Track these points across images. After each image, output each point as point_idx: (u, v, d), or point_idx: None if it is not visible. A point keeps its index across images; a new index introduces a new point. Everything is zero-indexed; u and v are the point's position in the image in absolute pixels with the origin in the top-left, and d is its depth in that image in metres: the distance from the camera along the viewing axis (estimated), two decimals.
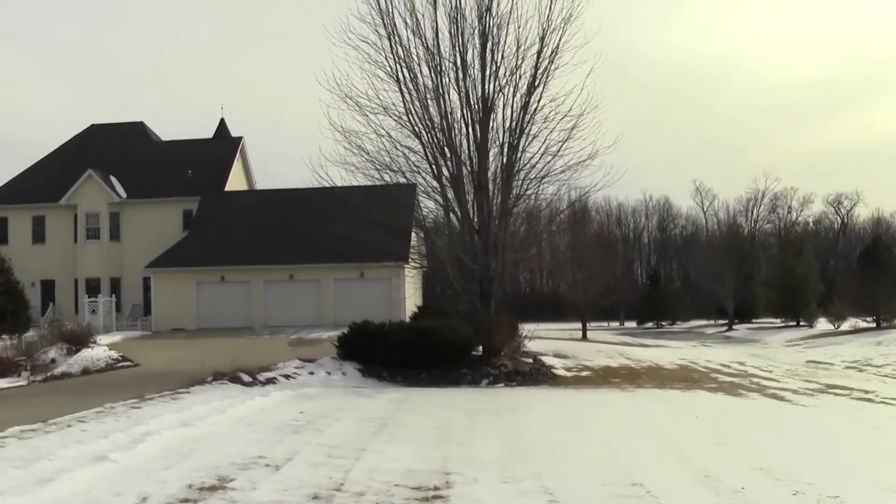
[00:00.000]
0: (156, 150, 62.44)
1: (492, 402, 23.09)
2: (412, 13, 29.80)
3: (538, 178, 30.48)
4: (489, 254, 29.85)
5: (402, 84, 29.94)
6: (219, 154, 60.78)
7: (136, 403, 20.28)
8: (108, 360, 33.31)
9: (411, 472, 12.29)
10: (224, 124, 64.99)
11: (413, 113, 29.99)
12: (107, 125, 64.71)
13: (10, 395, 25.26)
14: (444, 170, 30.28)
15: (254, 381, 25.91)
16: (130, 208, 57.78)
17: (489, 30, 29.46)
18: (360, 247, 36.82)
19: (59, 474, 11.48)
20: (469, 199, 30.45)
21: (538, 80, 29.56)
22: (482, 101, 29.76)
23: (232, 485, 11.31)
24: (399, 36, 29.85)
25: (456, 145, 30.05)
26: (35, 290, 54.45)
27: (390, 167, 30.38)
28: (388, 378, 28.34)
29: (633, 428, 18.15)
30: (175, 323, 48.89)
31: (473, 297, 31.08)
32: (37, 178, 60.24)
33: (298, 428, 16.93)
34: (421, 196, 32.20)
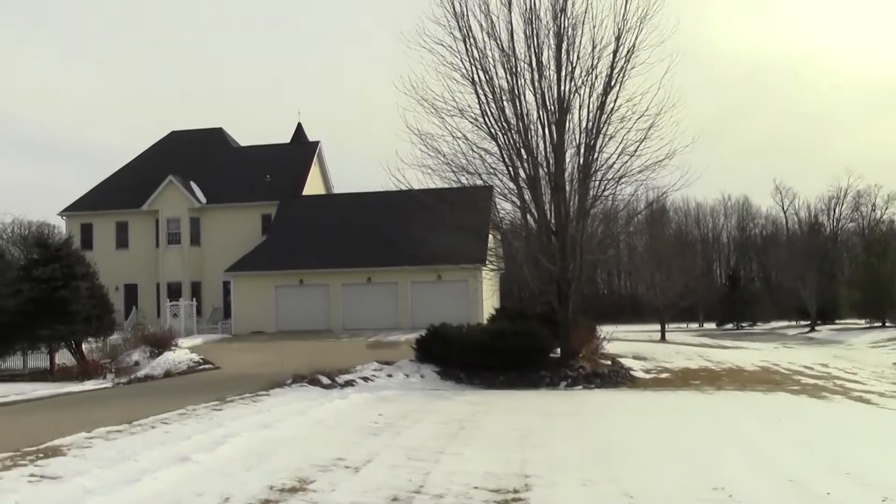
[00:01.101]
0: (234, 155, 63.31)
1: (570, 404, 22.95)
2: (487, 15, 29.83)
3: (615, 179, 30.23)
4: (567, 255, 29.67)
5: (477, 86, 29.96)
6: (296, 159, 61.43)
7: (217, 406, 20.56)
8: (189, 363, 33.83)
9: (490, 475, 12.26)
10: (301, 129, 65.61)
11: (489, 115, 29.98)
12: (187, 132, 65.83)
13: (96, 396, 25.80)
14: (521, 171, 30.18)
15: (332, 384, 26.08)
16: (210, 213, 58.67)
17: (564, 30, 29.33)
18: (437, 249, 36.91)
19: (144, 474, 11.69)
20: (546, 200, 30.31)
21: (614, 80, 29.35)
22: (558, 101, 29.61)
23: (312, 486, 11.39)
24: (474, 38, 29.89)
25: (532, 147, 29.93)
26: (119, 294, 55.54)
27: (467, 169, 30.40)
28: (465, 380, 28.34)
29: (714, 431, 17.90)
30: (254, 326, 49.45)
31: (551, 299, 30.93)
32: (120, 185, 61.52)
33: (377, 430, 17.00)
34: (498, 198, 32.16)
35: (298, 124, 65.85)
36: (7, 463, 12.82)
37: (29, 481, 11.50)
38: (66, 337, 34.99)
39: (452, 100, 29.92)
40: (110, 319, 37.77)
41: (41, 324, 33.70)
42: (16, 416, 21.09)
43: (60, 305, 33.87)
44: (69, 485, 11.16)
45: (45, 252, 36.09)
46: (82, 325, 34.83)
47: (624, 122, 29.40)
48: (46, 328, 33.77)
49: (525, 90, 29.90)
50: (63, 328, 34.10)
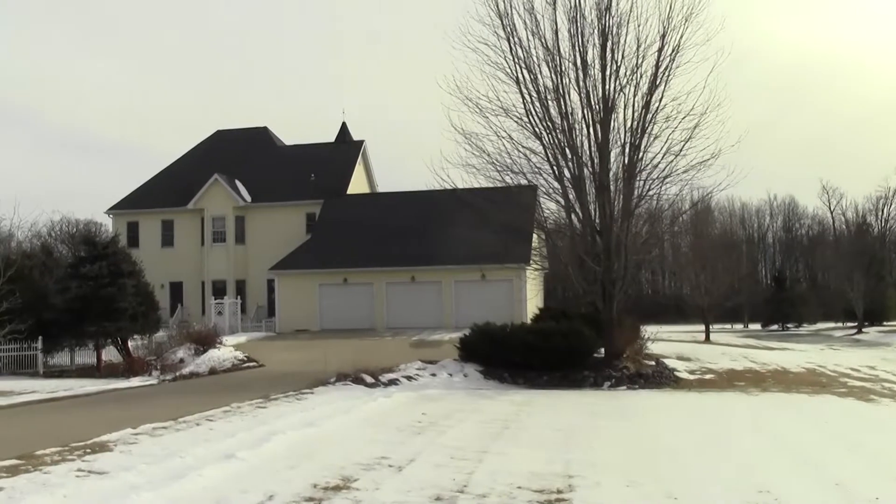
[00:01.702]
0: (279, 154, 63.60)
1: (614, 404, 22.86)
2: (531, 13, 29.76)
3: (660, 179, 30.03)
4: (611, 255, 29.53)
5: (521, 85, 29.89)
6: (341, 158, 61.61)
7: (261, 403, 20.70)
8: (233, 361, 34.07)
9: (534, 475, 12.22)
10: (346, 128, 65.79)
11: (533, 114, 29.91)
12: (232, 131, 66.24)
13: (142, 393, 26.06)
14: (566, 171, 30.07)
15: (376, 382, 26.16)
16: (255, 212, 59.01)
17: (609, 29, 29.19)
18: (481, 248, 36.91)
19: (190, 471, 11.79)
20: (591, 199, 30.19)
21: (659, 79, 29.17)
22: (603, 100, 29.48)
23: (356, 485, 11.41)
24: (518, 37, 29.84)
25: (577, 146, 29.82)
26: (164, 291, 55.99)
27: (511, 168, 30.35)
28: (509, 380, 28.32)
29: (759, 432, 17.71)
30: (298, 324, 49.66)
31: (595, 299, 30.80)
32: (166, 183, 62.05)
33: (421, 429, 17.01)
34: (542, 197, 32.02)
35: (343, 123, 66.05)
36: (55, 458, 12.99)
37: (77, 476, 11.65)
38: (113, 334, 35.39)
39: (497, 99, 29.93)
40: (156, 317, 38.15)
41: (88, 321, 34.11)
42: (64, 411, 21.36)
43: (107, 303, 34.26)
44: (116, 480, 11.28)
45: (93, 250, 36.49)
46: (128, 322, 35.21)
47: (669, 122, 29.25)
48: (93, 325, 34.18)
49: (570, 89, 29.83)
50: (110, 325, 34.49)
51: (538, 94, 29.86)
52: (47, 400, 24.17)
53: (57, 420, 19.54)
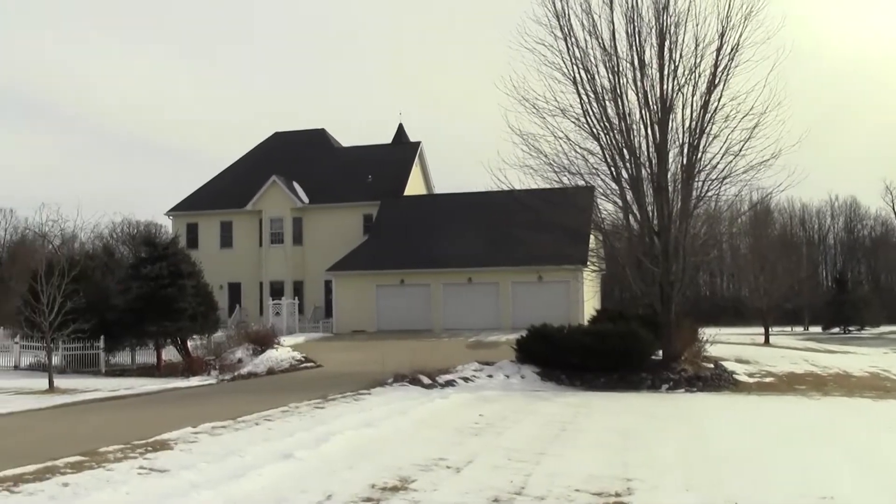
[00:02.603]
0: (337, 156, 63.96)
1: (672, 407, 22.68)
2: (588, 14, 29.64)
3: (719, 179, 29.75)
4: (669, 257, 29.32)
5: (579, 85, 29.78)
6: (398, 159, 61.79)
7: (319, 403, 20.82)
8: (291, 361, 34.30)
9: (592, 477, 12.16)
10: (402, 129, 65.97)
11: (591, 114, 29.78)
12: (290, 133, 66.74)
13: (201, 392, 26.35)
14: (623, 171, 29.90)
15: (433, 384, 26.20)
16: (312, 213, 59.38)
17: (667, 28, 28.98)
18: (538, 250, 36.80)
19: (249, 470, 11.88)
20: (648, 200, 29.98)
21: (718, 78, 28.89)
22: (661, 100, 29.27)
23: (413, 486, 11.43)
24: (575, 37, 29.74)
25: (635, 146, 29.63)
26: (223, 292, 56.55)
27: (568, 169, 30.24)
28: (566, 382, 28.21)
29: (821, 437, 17.48)
30: (355, 325, 49.88)
31: (653, 301, 30.58)
32: (224, 185, 62.69)
33: (478, 430, 17.01)
34: (599, 198, 31.86)
35: (400, 125, 66.26)
36: (118, 455, 13.17)
37: (138, 473, 11.80)
38: (173, 334, 35.81)
39: (554, 99, 29.85)
40: (215, 317, 38.55)
41: (149, 320, 34.56)
42: (125, 409, 21.64)
43: (167, 303, 34.68)
44: (176, 478, 11.40)
45: (153, 251, 36.97)
46: (188, 322, 35.61)
47: (728, 122, 28.95)
48: (154, 325, 34.62)
49: (627, 89, 29.66)
50: (169, 325, 34.91)
51: (595, 94, 29.74)
52: (109, 398, 24.53)
53: (119, 418, 19.81)
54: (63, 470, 11.94)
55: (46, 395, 25.19)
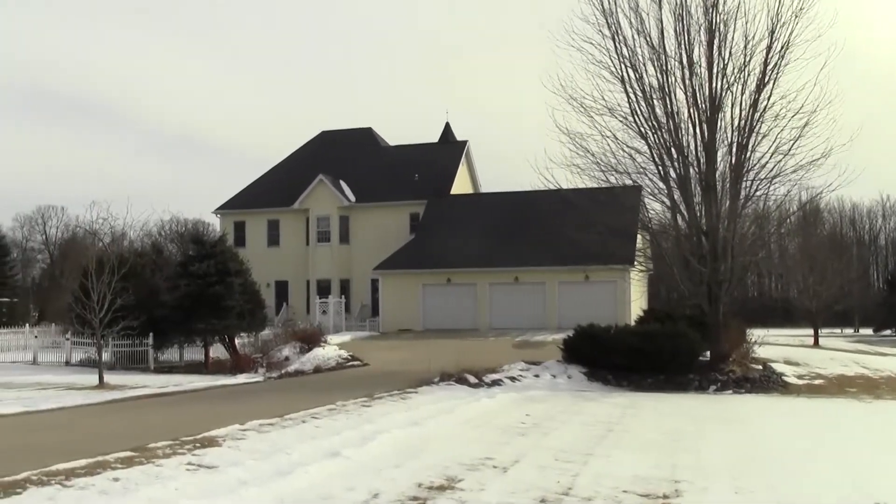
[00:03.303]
0: (383, 154, 64.07)
1: (720, 408, 22.50)
2: (636, 12, 29.48)
3: (768, 179, 29.45)
4: (717, 256, 29.08)
5: (626, 84, 29.63)
6: (444, 158, 61.78)
7: (366, 402, 20.88)
8: (338, 359, 34.42)
9: (639, 479, 12.09)
10: (449, 128, 65.95)
11: (639, 113, 29.62)
12: (337, 132, 66.93)
13: (249, 390, 26.52)
14: (671, 171, 29.72)
15: (480, 383, 26.19)
16: (359, 212, 59.53)
17: (716, 26, 28.74)
18: (584, 249, 36.67)
19: (296, 467, 11.93)
20: (696, 200, 29.77)
21: (768, 77, 28.58)
22: (709, 99, 29.04)
23: (460, 485, 11.42)
24: (623, 35, 29.59)
25: (683, 146, 29.44)
26: (270, 290, 56.83)
27: (616, 168, 30.11)
28: (613, 382, 28.10)
29: (873, 441, 17.27)
30: (402, 324, 49.96)
31: (701, 301, 30.34)
32: (272, 183, 63.02)
33: (525, 430, 16.97)
34: (647, 198, 31.68)
35: (446, 124, 66.25)
36: (167, 451, 13.28)
37: (187, 469, 11.89)
38: (220, 331, 36.04)
39: (601, 98, 29.72)
40: (262, 315, 38.74)
41: (197, 318, 34.81)
42: (174, 406, 21.83)
43: (215, 300, 34.89)
44: (225, 475, 11.48)
45: (201, 249, 37.22)
46: (235, 319, 35.81)
47: (778, 120, 28.65)
48: (202, 322, 34.85)
49: (675, 88, 29.47)
50: (217, 322, 35.13)
51: (643, 93, 29.59)
52: (158, 395, 24.75)
53: (167, 414, 19.99)
54: (113, 465, 12.07)
55: (96, 391, 25.47)
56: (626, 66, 29.57)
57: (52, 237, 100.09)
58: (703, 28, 28.91)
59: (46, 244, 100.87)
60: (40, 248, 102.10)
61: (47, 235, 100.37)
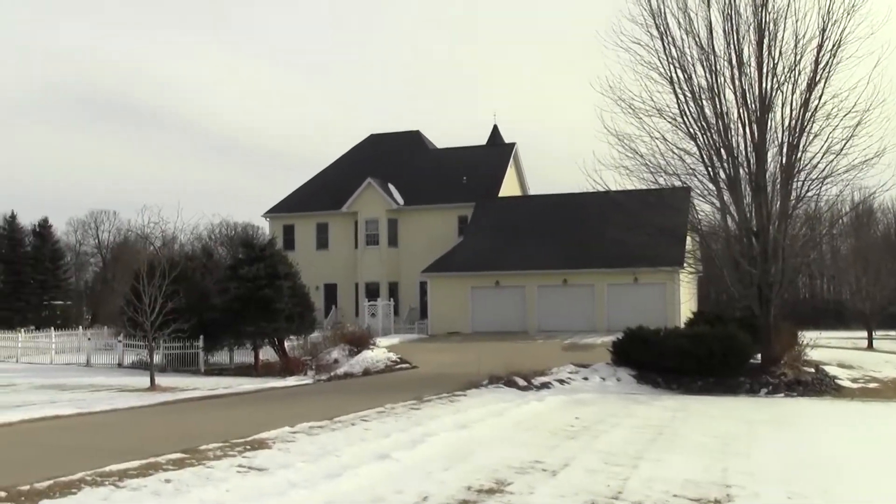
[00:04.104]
0: (431, 157, 64.20)
1: (772, 412, 22.26)
2: (685, 12, 29.26)
3: (820, 179, 29.04)
4: (768, 258, 28.77)
5: (675, 85, 29.43)
6: (492, 160, 61.77)
7: (415, 405, 20.90)
8: (386, 362, 34.48)
9: (690, 483, 11.99)
10: (497, 131, 65.99)
11: (688, 114, 29.41)
12: (385, 135, 67.16)
13: (298, 392, 26.65)
14: (721, 172, 29.47)
15: (528, 386, 26.12)
16: (407, 215, 59.68)
17: (765, 24, 28.43)
18: (633, 251, 36.52)
19: (345, 470, 11.98)
20: (747, 201, 29.49)
21: (819, 76, 28.20)
22: (759, 99, 28.75)
23: (509, 488, 11.40)
24: (672, 36, 29.40)
25: (733, 146, 29.18)
26: (319, 293, 57.10)
27: (665, 170, 29.91)
28: (662, 385, 27.95)
29: None
30: (450, 326, 49.98)
31: (751, 303, 30.05)
32: (321, 187, 63.38)
33: (574, 433, 16.90)
34: (696, 199, 31.45)
35: (494, 126, 66.30)
36: (218, 453, 13.39)
37: (238, 471, 11.98)
38: (270, 334, 36.22)
39: (650, 99, 29.55)
40: (311, 318, 38.89)
41: (246, 321, 35.02)
42: (224, 408, 22.00)
43: (264, 303, 35.08)
44: (275, 477, 11.55)
45: (251, 252, 37.45)
46: (285, 322, 35.98)
47: (829, 120, 28.24)
48: (251, 325, 35.06)
49: (725, 88, 29.21)
50: (267, 325, 35.32)
51: (692, 93, 29.38)
52: (208, 397, 24.96)
53: (218, 416, 20.15)
54: (165, 466, 12.20)
55: (148, 393, 25.72)
56: (675, 66, 29.40)
57: (105, 241, 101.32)
58: (753, 27, 28.64)
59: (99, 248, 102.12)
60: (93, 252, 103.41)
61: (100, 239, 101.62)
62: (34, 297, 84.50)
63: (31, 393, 26.00)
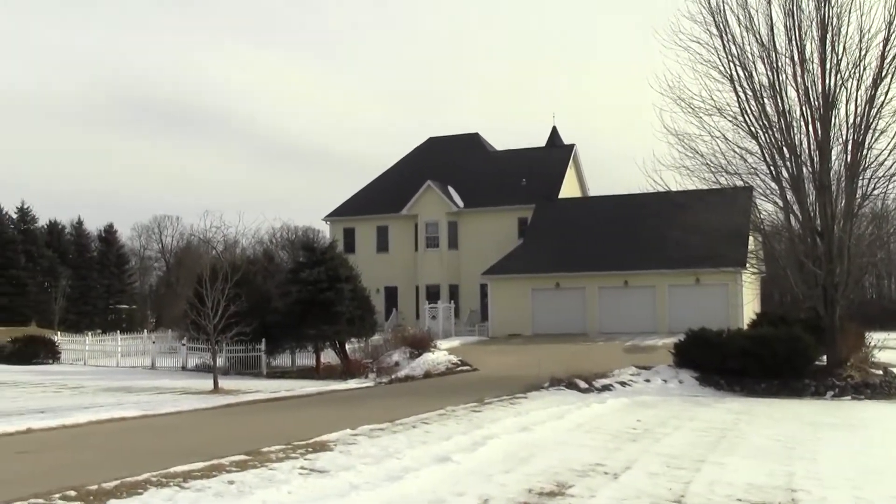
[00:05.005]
0: (490, 159, 64.14)
1: (838, 415, 21.91)
2: (745, 9, 28.92)
3: (887, 177, 28.58)
4: (833, 258, 28.34)
5: (736, 83, 29.12)
6: (552, 162, 61.56)
7: (475, 407, 20.90)
8: (447, 365, 34.53)
9: (754, 487, 11.82)
10: (556, 132, 65.81)
11: (749, 113, 29.08)
12: (444, 137, 67.22)
13: (359, 395, 26.78)
14: (783, 171, 29.10)
15: (589, 388, 26.01)
16: (467, 217, 59.67)
17: (828, 20, 27.97)
18: (694, 252, 36.13)
19: (406, 472, 11.97)
20: (810, 200, 29.08)
21: (885, 71, 27.68)
22: (823, 96, 28.32)
23: (570, 491, 11.32)
24: (732, 33, 29.08)
25: (795, 144, 28.80)
26: (379, 296, 57.26)
27: (726, 169, 29.63)
28: (725, 387, 27.67)
29: None
30: (511, 328, 49.86)
31: (816, 304, 29.61)
32: (380, 190, 63.62)
33: (636, 436, 16.78)
34: (758, 198, 31.10)
35: (553, 128, 66.12)
36: (280, 455, 13.47)
37: (300, 473, 12.03)
38: (331, 337, 36.48)
39: (710, 98, 29.28)
40: (372, 321, 39.10)
41: (307, 324, 35.30)
42: (286, 411, 22.16)
43: (325, 306, 35.34)
44: (336, 479, 11.57)
45: (312, 255, 37.77)
46: (346, 325, 36.22)
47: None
48: (312, 328, 35.34)
49: (787, 85, 28.84)
50: (328, 328, 35.57)
51: (753, 91, 29.04)
52: (271, 399, 25.15)
53: (280, 419, 20.29)
54: (228, 468, 12.30)
55: (211, 396, 25.99)
56: (735, 64, 29.08)
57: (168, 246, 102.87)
58: (816, 23, 28.21)
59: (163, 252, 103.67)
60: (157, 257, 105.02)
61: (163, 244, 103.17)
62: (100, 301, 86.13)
63: (98, 395, 26.45)
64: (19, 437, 16.17)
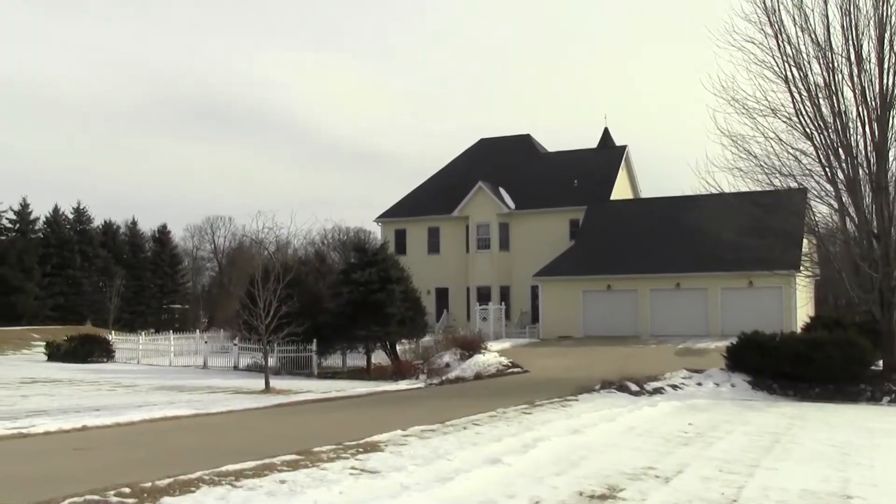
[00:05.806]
0: (542, 161, 64.01)
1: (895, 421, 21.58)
2: (800, 8, 28.60)
3: None
4: (890, 261, 27.95)
5: (790, 84, 28.80)
6: (603, 163, 61.29)
7: (526, 409, 20.86)
8: (498, 366, 34.50)
9: (808, 493, 11.67)
10: (608, 133, 65.50)
11: (804, 113, 28.76)
12: (495, 139, 67.16)
13: (410, 396, 26.83)
14: (839, 172, 28.74)
15: (641, 391, 25.90)
16: (518, 218, 59.60)
17: (887, 18, 27.60)
18: (747, 254, 35.73)
19: (457, 474, 11.95)
20: (867, 202, 28.69)
21: None
22: (880, 96, 27.93)
23: (621, 495, 11.25)
24: (787, 33, 28.78)
25: (851, 146, 28.44)
26: (430, 297, 57.42)
27: (780, 171, 29.35)
28: (778, 391, 27.41)
29: None
30: (562, 330, 49.71)
31: (872, 308, 29.23)
32: (431, 191, 63.75)
33: (687, 440, 16.65)
34: (813, 200, 30.73)
35: (605, 129, 65.82)
36: (331, 455, 13.52)
37: (350, 473, 12.07)
38: (382, 338, 36.60)
39: (764, 99, 28.99)
40: (423, 322, 39.15)
41: (358, 325, 35.43)
42: (337, 411, 22.26)
43: (376, 308, 35.44)
44: (387, 480, 11.59)
45: (363, 257, 37.89)
46: (396, 326, 36.30)
47: None
48: (363, 329, 35.47)
49: (843, 86, 28.47)
50: (378, 329, 35.68)
51: (808, 92, 28.71)
52: (322, 399, 25.27)
53: (331, 419, 20.39)
54: (280, 467, 12.37)
55: (263, 395, 26.16)
56: (790, 64, 28.78)
57: (221, 246, 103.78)
58: (873, 22, 27.82)
59: (215, 253, 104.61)
60: (209, 257, 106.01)
61: (216, 245, 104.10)
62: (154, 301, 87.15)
63: (151, 394, 26.74)
64: (75, 434, 16.38)
